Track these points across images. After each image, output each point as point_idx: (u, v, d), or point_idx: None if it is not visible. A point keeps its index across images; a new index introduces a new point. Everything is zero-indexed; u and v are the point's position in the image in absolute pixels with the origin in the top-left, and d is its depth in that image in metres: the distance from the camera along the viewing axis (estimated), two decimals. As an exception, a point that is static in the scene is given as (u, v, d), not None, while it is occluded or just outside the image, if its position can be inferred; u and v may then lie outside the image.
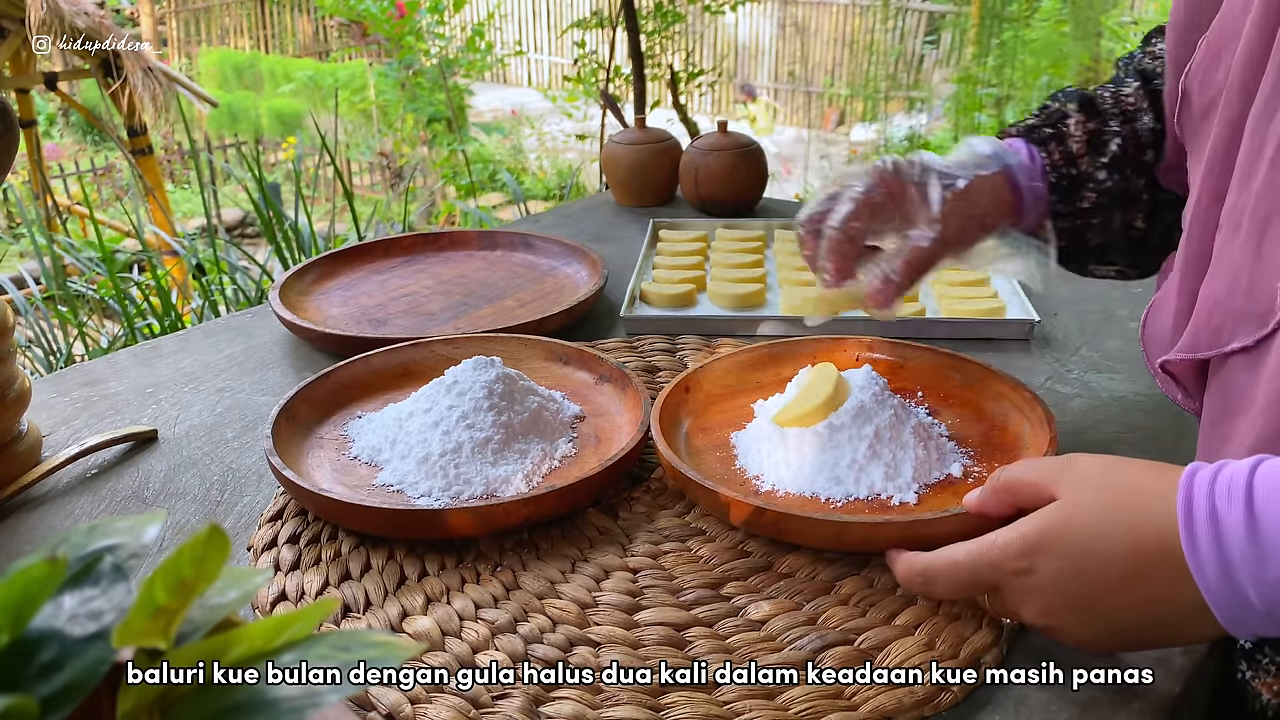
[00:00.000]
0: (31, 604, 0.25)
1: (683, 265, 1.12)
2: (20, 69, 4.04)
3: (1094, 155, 0.75)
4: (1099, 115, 0.76)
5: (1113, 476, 0.51)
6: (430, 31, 4.92)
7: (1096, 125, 0.75)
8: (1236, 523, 0.45)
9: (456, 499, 0.68)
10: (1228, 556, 0.45)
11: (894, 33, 5.84)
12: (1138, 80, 0.77)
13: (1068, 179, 0.75)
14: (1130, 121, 0.75)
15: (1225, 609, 0.46)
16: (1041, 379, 0.89)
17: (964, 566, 0.55)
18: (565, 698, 0.54)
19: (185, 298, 2.63)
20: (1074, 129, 0.76)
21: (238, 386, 0.92)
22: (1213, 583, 0.46)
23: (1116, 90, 0.77)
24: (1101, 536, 0.50)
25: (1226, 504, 0.46)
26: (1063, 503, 0.52)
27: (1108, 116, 0.76)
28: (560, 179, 5.62)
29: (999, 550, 0.53)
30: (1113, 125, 0.75)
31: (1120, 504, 0.50)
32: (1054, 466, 0.54)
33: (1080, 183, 0.75)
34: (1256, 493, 0.45)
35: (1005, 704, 0.54)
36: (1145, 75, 0.77)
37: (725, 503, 0.65)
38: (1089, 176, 0.75)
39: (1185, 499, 0.47)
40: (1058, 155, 0.75)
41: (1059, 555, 0.51)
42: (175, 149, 6.44)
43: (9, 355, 0.74)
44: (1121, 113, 0.76)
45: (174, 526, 0.71)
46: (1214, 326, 0.56)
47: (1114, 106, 0.76)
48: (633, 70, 3.51)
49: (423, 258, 1.20)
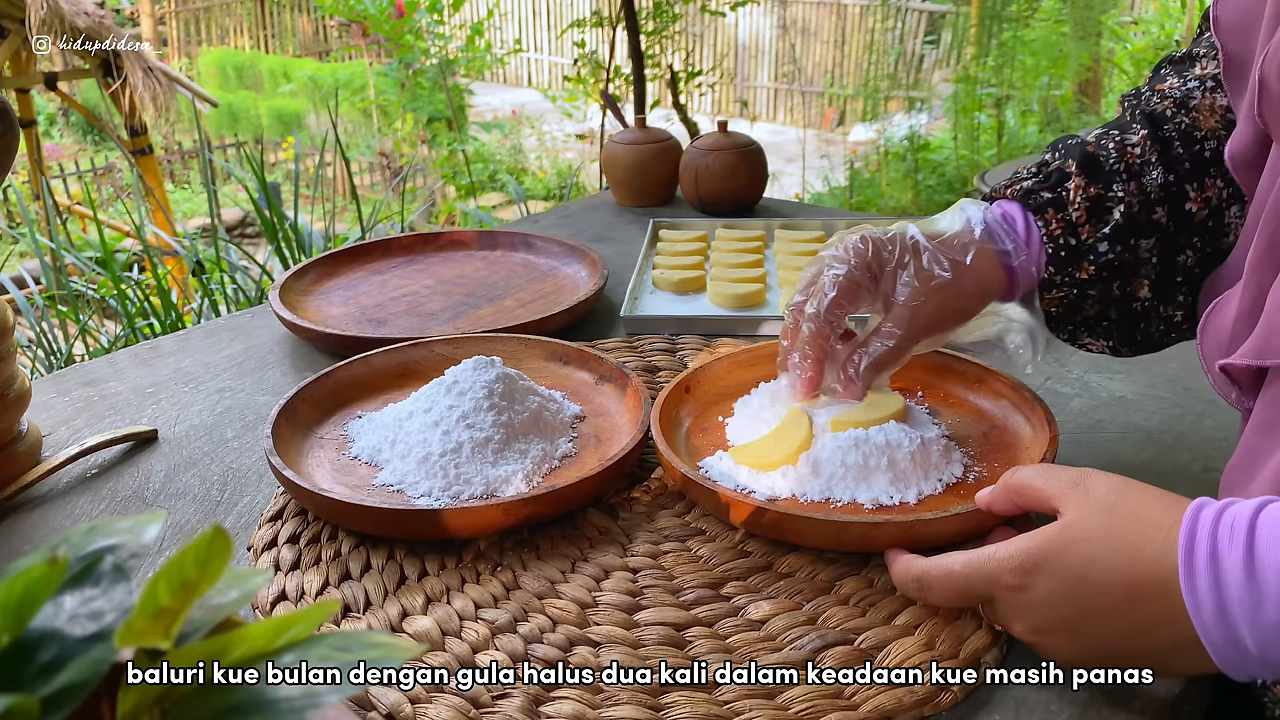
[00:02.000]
0: (32, 604, 0.25)
1: (683, 265, 1.12)
2: (20, 69, 4.04)
3: (1095, 224, 0.68)
4: (1102, 177, 0.68)
5: (1120, 503, 0.51)
6: (430, 31, 4.92)
7: (1099, 189, 0.68)
8: (1235, 564, 0.45)
9: (456, 499, 0.68)
10: (1224, 598, 0.45)
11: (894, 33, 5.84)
12: (1145, 127, 0.69)
13: (1066, 249, 0.68)
14: (1136, 178, 0.68)
15: (1220, 650, 0.46)
16: (1041, 379, 0.89)
17: (960, 576, 0.55)
18: (565, 698, 0.54)
19: (185, 298, 2.63)
20: (1074, 194, 0.68)
21: (238, 386, 0.92)
22: (1208, 623, 0.46)
23: (1122, 139, 0.69)
24: (1100, 563, 0.49)
25: (1228, 544, 0.45)
26: (1066, 523, 0.52)
27: (1112, 178, 0.68)
28: (560, 179, 5.62)
29: (997, 563, 0.53)
30: (1116, 189, 0.68)
31: (1123, 532, 0.49)
32: (1065, 480, 0.54)
33: (1080, 254, 0.68)
34: (1259, 535, 0.45)
35: (1005, 704, 0.54)
36: (1154, 120, 0.69)
37: (725, 503, 0.65)
38: (1089, 248, 0.68)
39: (1188, 536, 0.47)
40: (1055, 225, 0.68)
41: (1056, 576, 0.51)
42: (175, 149, 6.44)
43: (9, 355, 0.74)
44: (1126, 168, 0.68)
45: (174, 526, 0.71)
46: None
47: (1118, 161, 0.68)
48: (633, 70, 3.51)
49: (423, 258, 1.20)
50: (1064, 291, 0.69)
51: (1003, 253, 0.68)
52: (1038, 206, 0.69)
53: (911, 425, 0.70)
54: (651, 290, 1.10)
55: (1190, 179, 0.68)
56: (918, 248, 0.68)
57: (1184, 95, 0.69)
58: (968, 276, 0.67)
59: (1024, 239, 0.69)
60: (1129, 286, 0.69)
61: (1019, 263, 0.68)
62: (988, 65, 4.64)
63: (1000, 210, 0.70)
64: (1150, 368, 0.90)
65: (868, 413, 0.70)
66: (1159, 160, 0.68)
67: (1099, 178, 0.68)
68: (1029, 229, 0.69)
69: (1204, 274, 0.69)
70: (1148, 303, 0.70)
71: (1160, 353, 0.73)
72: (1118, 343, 0.72)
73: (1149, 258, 0.68)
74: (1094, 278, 0.68)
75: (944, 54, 5.75)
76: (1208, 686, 0.56)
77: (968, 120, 4.66)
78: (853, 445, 0.68)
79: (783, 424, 0.72)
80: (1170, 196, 0.68)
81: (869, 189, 4.87)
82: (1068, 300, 0.70)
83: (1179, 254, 0.69)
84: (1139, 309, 0.70)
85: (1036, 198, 0.70)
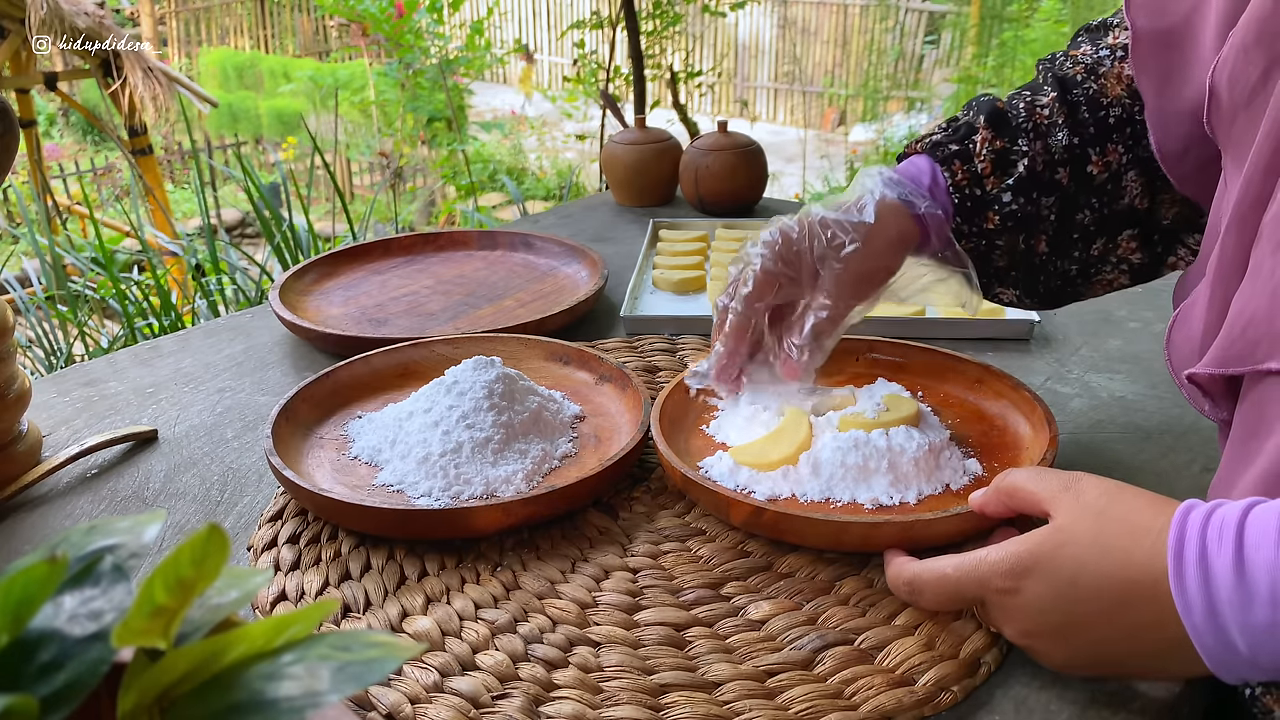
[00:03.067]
0: (31, 604, 0.25)
1: (683, 265, 1.12)
2: (20, 69, 4.03)
3: (1000, 176, 0.71)
4: (1008, 131, 0.71)
5: (1110, 506, 0.51)
6: (430, 31, 4.91)
7: (1004, 143, 0.71)
8: (1225, 566, 0.45)
9: (456, 499, 0.68)
10: (1214, 599, 0.45)
11: (894, 33, 5.84)
12: (1055, 89, 0.71)
13: (972, 199, 0.71)
14: (1043, 137, 0.70)
15: (1211, 652, 0.46)
16: (1041, 379, 0.89)
17: (951, 580, 0.55)
18: (565, 698, 0.54)
19: (185, 298, 2.63)
20: (980, 146, 0.71)
21: (238, 386, 0.92)
22: (1199, 624, 0.45)
23: (1032, 99, 0.71)
24: (1090, 567, 0.50)
25: (1217, 546, 0.45)
26: (1056, 526, 0.52)
27: (1018, 133, 0.71)
28: (560, 179, 5.62)
29: (988, 567, 0.53)
30: (1021, 144, 0.70)
31: (1113, 535, 0.49)
32: (1056, 484, 0.54)
33: (984, 204, 0.71)
34: (1247, 536, 0.45)
35: (1005, 704, 0.54)
36: (1064, 83, 0.71)
37: (725, 503, 0.65)
38: (994, 199, 0.71)
39: (1177, 538, 0.47)
40: (961, 175, 0.71)
41: (1046, 580, 0.51)
42: (175, 149, 6.44)
43: (9, 355, 0.74)
44: (1034, 127, 0.70)
45: (174, 526, 0.71)
46: (1249, 341, 0.53)
47: (1027, 120, 0.71)
48: (633, 70, 3.51)
49: (422, 258, 1.20)
50: (973, 242, 0.72)
51: (906, 202, 0.70)
52: (945, 158, 0.72)
53: (922, 429, 0.70)
54: (651, 290, 1.10)
55: (1093, 143, 0.70)
56: (823, 222, 0.70)
57: (1094, 62, 0.72)
58: (876, 233, 0.69)
59: (928, 188, 0.72)
60: (1031, 240, 0.72)
61: (925, 208, 0.70)
62: (988, 65, 4.64)
63: (908, 164, 0.73)
64: (1150, 368, 0.90)
65: (880, 416, 0.70)
66: (1065, 122, 0.70)
67: (1005, 132, 0.71)
68: (935, 179, 0.72)
69: (1100, 233, 0.72)
70: (1045, 256, 0.72)
71: (1160, 353, 0.73)
72: (1023, 293, 0.75)
73: (1048, 215, 0.71)
74: (999, 228, 0.71)
75: (944, 54, 5.75)
76: (1205, 687, 0.56)
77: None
78: (853, 446, 0.68)
79: (783, 424, 0.72)
80: (1073, 159, 0.70)
81: (869, 189, 4.86)
82: (977, 251, 0.72)
83: (1077, 212, 0.71)
84: (1037, 263, 0.73)
85: (944, 149, 0.72)
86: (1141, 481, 0.54)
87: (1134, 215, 0.71)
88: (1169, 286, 0.75)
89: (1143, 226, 0.71)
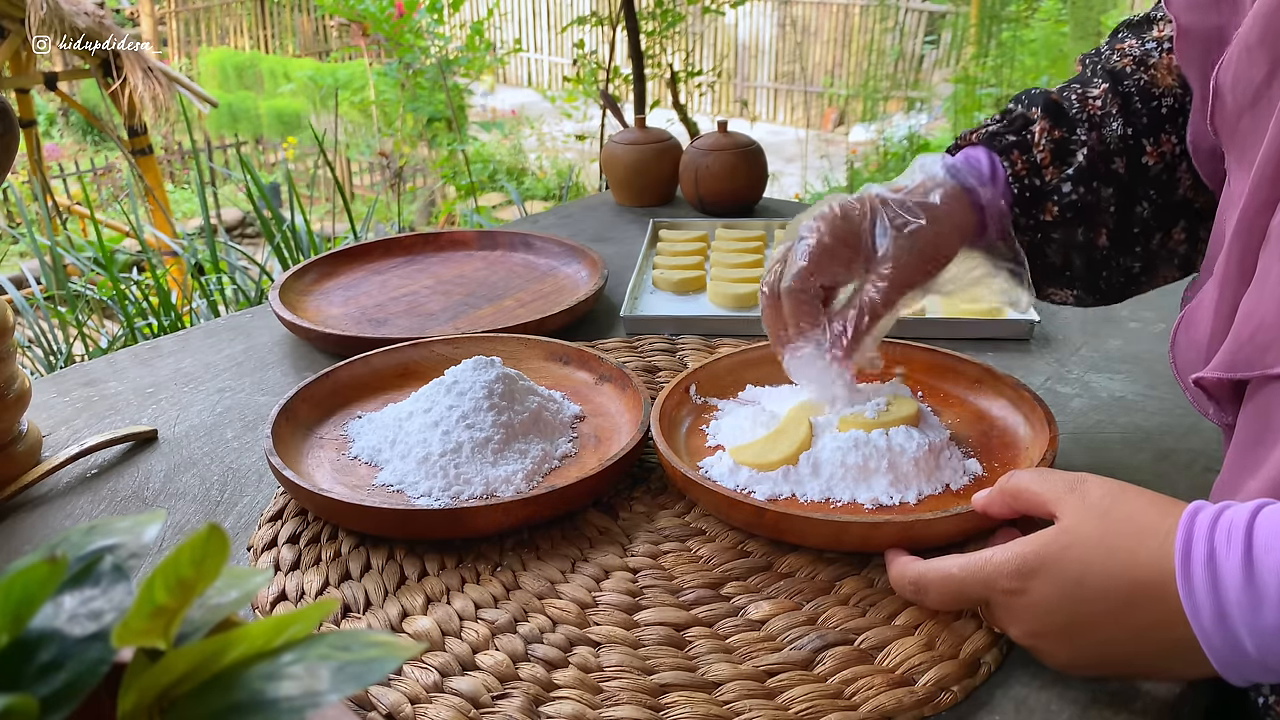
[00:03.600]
0: (31, 604, 0.25)
1: (683, 265, 1.12)
2: (20, 69, 4.03)
3: (1059, 166, 0.69)
4: (1066, 121, 0.70)
5: (1116, 507, 0.51)
6: (430, 31, 4.91)
7: (1063, 133, 0.70)
8: (1234, 568, 0.45)
9: (456, 499, 0.68)
10: (1223, 601, 0.45)
11: (894, 33, 5.84)
12: (1106, 81, 0.71)
13: (1031, 190, 0.70)
14: (1098, 128, 0.69)
15: (1219, 653, 0.46)
16: (1041, 379, 0.89)
17: (956, 579, 0.55)
18: (565, 698, 0.54)
19: (185, 298, 2.63)
20: (1039, 137, 0.70)
21: (238, 386, 0.92)
22: (1207, 626, 0.45)
23: (1083, 92, 0.71)
24: (1095, 568, 0.49)
25: (1225, 548, 0.45)
26: (1062, 528, 0.52)
27: (1075, 123, 0.70)
28: (560, 179, 5.62)
29: (993, 567, 0.53)
30: (1080, 134, 0.69)
31: (1118, 536, 0.49)
32: (1062, 485, 0.54)
33: (1044, 195, 0.69)
34: (1256, 538, 0.45)
35: (1005, 704, 0.54)
36: (1114, 75, 0.71)
37: (725, 503, 0.65)
38: (1053, 189, 0.69)
39: (1184, 540, 0.47)
40: (1021, 165, 0.70)
41: (1052, 581, 0.51)
42: (175, 149, 6.44)
43: (9, 355, 0.74)
44: (1089, 118, 0.70)
45: (174, 526, 0.71)
46: (1258, 346, 0.53)
47: (1080, 111, 0.70)
48: (633, 70, 3.51)
49: (422, 258, 1.20)
50: (1029, 236, 0.70)
51: (969, 189, 0.69)
52: (1003, 148, 0.70)
53: (922, 429, 0.70)
54: (651, 290, 1.10)
55: (1147, 133, 0.69)
56: (885, 200, 0.68)
57: (1143, 54, 0.71)
58: (940, 218, 0.68)
59: (989, 178, 0.70)
60: (1091, 233, 0.70)
61: (987, 199, 0.69)
62: (987, 65, 4.64)
63: (965, 155, 0.72)
64: (1150, 368, 0.90)
65: (880, 416, 0.70)
66: (1119, 113, 0.69)
67: (1063, 122, 0.70)
68: (994, 169, 0.70)
69: (1159, 225, 0.70)
70: (1106, 250, 0.71)
71: (1160, 353, 0.73)
72: (1083, 291, 0.73)
73: (1108, 206, 0.69)
74: (1058, 219, 0.70)
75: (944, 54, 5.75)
76: (1207, 687, 0.56)
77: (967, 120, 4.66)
78: (853, 446, 0.68)
79: (783, 424, 0.72)
80: (1128, 149, 0.69)
81: (869, 189, 4.86)
82: (1032, 244, 0.71)
83: (1135, 204, 0.70)
84: (1099, 257, 0.71)
85: (1002, 140, 0.71)
86: (1142, 482, 0.54)
87: (1187, 207, 0.70)
88: (1169, 286, 0.75)
89: (1189, 218, 0.71)
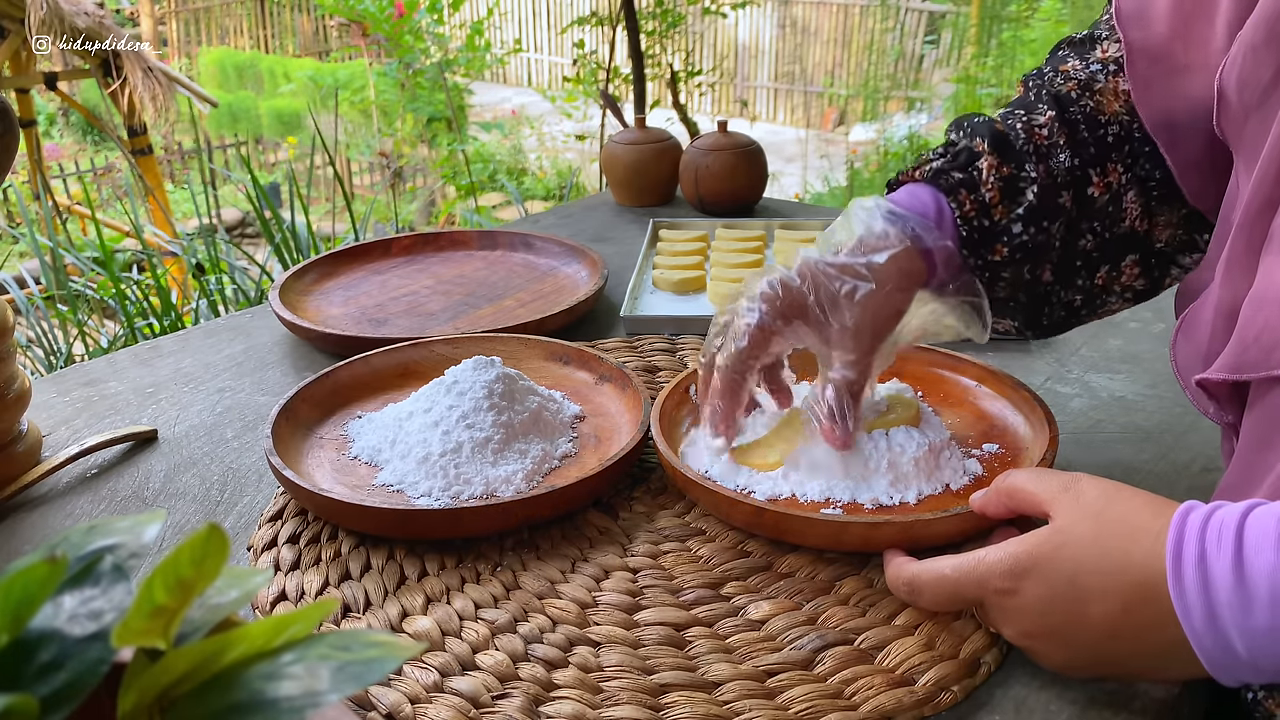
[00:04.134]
0: (31, 604, 0.25)
1: (683, 265, 1.12)
2: (20, 69, 4.04)
3: (1009, 205, 0.66)
4: (1013, 156, 0.66)
5: (1109, 507, 0.51)
6: (429, 31, 4.92)
7: (1011, 169, 0.66)
8: (1224, 569, 0.45)
9: (456, 499, 0.68)
10: (1213, 602, 0.45)
11: (894, 33, 5.84)
12: (1051, 108, 0.67)
13: (980, 231, 0.66)
14: (1045, 160, 0.66)
15: (1210, 654, 0.46)
16: (1041, 379, 0.89)
17: (950, 580, 0.55)
18: (565, 698, 0.54)
19: (185, 298, 2.63)
20: (987, 174, 0.66)
21: (238, 386, 0.92)
22: (1198, 627, 0.45)
23: (1029, 120, 0.67)
24: (1088, 568, 0.49)
25: (1216, 549, 0.45)
26: (1055, 528, 0.52)
27: (1023, 158, 0.66)
28: (560, 179, 5.62)
29: (986, 568, 0.53)
30: (1028, 169, 0.66)
31: (1111, 537, 0.49)
32: (1056, 485, 0.54)
33: (993, 236, 0.66)
34: (1246, 539, 0.45)
35: (1005, 704, 0.54)
36: (1060, 101, 0.68)
37: (725, 503, 0.65)
38: (1003, 229, 0.66)
39: (1175, 540, 0.47)
40: (969, 205, 0.66)
41: (1045, 582, 0.51)
42: (175, 149, 6.44)
43: (9, 355, 0.74)
44: (1035, 150, 0.66)
45: (174, 526, 0.71)
46: (1263, 347, 0.52)
47: (1027, 142, 0.67)
48: (633, 70, 3.51)
49: (422, 258, 1.20)
50: (977, 275, 0.68)
51: (915, 238, 0.65)
52: (949, 187, 0.67)
53: (922, 429, 0.70)
54: (651, 290, 1.10)
55: (1094, 163, 0.67)
56: (828, 270, 0.65)
57: (1088, 78, 0.69)
58: (888, 277, 0.65)
59: (934, 221, 0.67)
60: (1038, 270, 0.68)
61: (935, 244, 0.66)
62: (988, 65, 4.64)
63: (909, 196, 0.68)
64: (1150, 368, 0.90)
65: (880, 416, 0.70)
66: (1066, 143, 0.67)
67: (1010, 157, 0.67)
68: (940, 211, 0.67)
69: (1103, 259, 0.69)
70: (1049, 286, 0.69)
71: (1160, 353, 0.73)
72: (1024, 324, 0.72)
73: (1054, 241, 0.67)
74: (1006, 259, 0.67)
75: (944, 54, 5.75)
76: (1205, 688, 0.56)
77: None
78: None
79: (782, 424, 0.72)
80: (1075, 181, 0.67)
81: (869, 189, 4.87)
82: (980, 282, 0.68)
83: (1080, 238, 0.68)
84: (1042, 292, 0.70)
85: (948, 178, 0.67)
86: (1141, 481, 0.54)
87: (1134, 239, 0.69)
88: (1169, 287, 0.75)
89: (1142, 251, 0.69)
